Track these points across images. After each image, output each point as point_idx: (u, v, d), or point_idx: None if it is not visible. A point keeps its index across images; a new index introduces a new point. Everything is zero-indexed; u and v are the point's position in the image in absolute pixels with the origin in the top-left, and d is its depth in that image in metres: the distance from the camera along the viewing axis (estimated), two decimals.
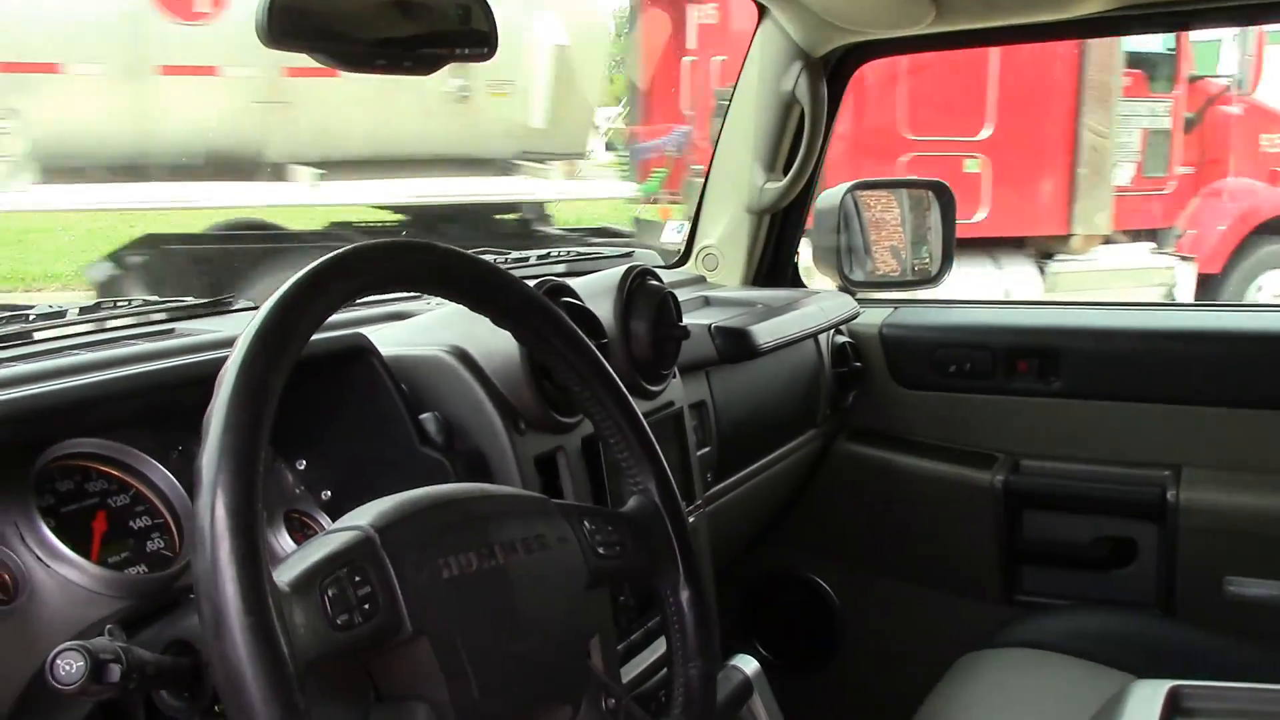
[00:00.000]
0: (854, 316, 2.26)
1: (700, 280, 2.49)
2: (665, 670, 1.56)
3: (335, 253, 0.91)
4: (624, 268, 1.56)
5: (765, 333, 1.84)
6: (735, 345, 1.80)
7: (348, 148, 6.35)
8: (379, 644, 0.83)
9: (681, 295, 2.28)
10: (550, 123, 6.95)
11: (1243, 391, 2.18)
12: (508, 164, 7.11)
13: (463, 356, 1.33)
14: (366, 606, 0.82)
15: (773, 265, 2.55)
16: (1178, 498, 2.17)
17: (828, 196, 2.52)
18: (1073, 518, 2.29)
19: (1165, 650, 2.00)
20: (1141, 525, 2.24)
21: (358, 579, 0.82)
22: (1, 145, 5.62)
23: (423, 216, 6.86)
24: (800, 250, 2.60)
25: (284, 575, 0.79)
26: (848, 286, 2.63)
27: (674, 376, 1.66)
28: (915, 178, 2.73)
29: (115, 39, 5.82)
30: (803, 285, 2.56)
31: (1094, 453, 2.29)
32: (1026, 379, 2.32)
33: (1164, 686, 1.33)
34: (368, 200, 6.86)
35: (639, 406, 1.52)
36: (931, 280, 2.65)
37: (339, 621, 0.80)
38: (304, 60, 1.19)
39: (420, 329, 1.41)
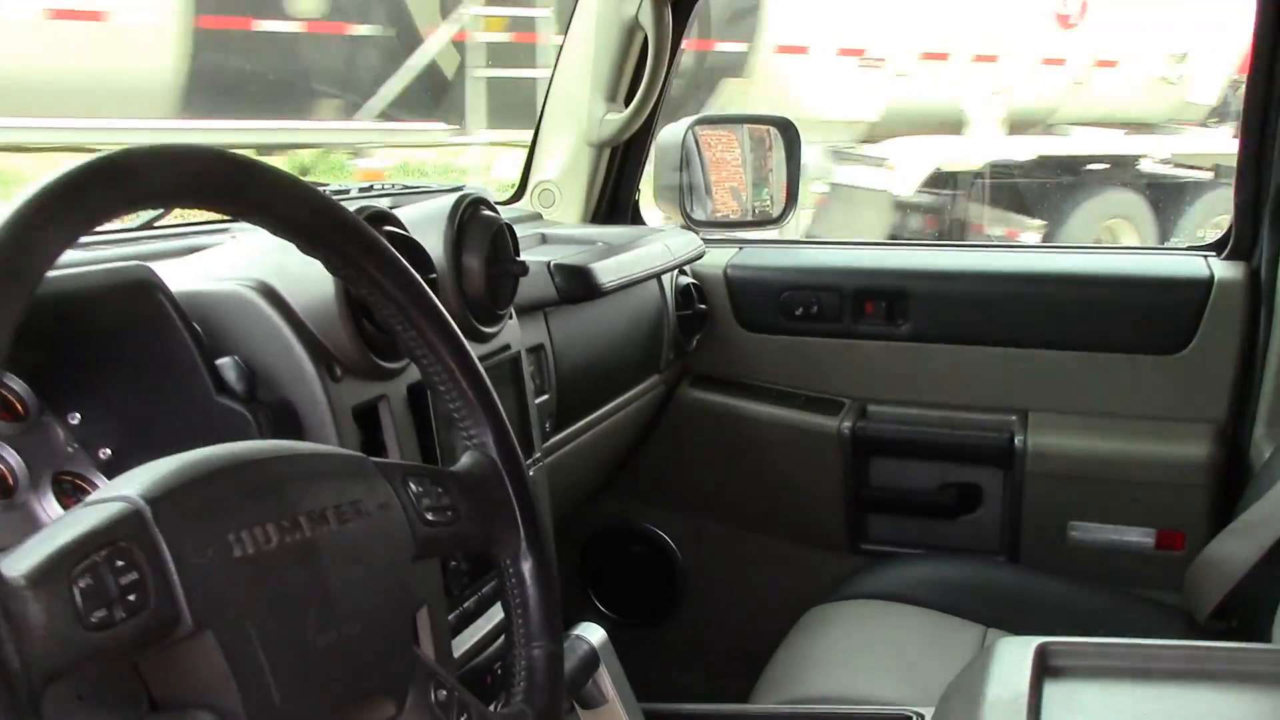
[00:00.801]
0: (699, 256, 2.14)
1: (536, 217, 2.34)
2: (503, 640, 1.43)
3: (94, 157, 0.73)
4: (455, 196, 1.40)
5: (607, 271, 1.71)
6: (576, 284, 1.66)
7: None
8: (149, 643, 0.67)
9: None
10: None
11: (1087, 335, 2.14)
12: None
13: (268, 292, 1.15)
14: (131, 598, 0.65)
15: (613, 202, 2.41)
16: (1024, 443, 2.13)
17: (669, 132, 2.40)
18: (919, 464, 2.23)
19: (1013, 598, 1.96)
20: (987, 471, 2.20)
21: (120, 564, 0.66)
22: None
23: None
24: (641, 188, 2.47)
25: (18, 565, 0.62)
26: (691, 226, 2.51)
27: (510, 318, 1.51)
28: (760, 114, 2.62)
29: None
30: (643, 224, 2.44)
31: (941, 397, 2.23)
32: (874, 322, 2.25)
33: (1030, 644, 1.25)
34: None
35: (475, 349, 1.39)
36: (774, 221, 2.56)
37: (94, 619, 0.63)
38: None
39: (219, 262, 1.23)
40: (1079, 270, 2.20)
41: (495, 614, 1.42)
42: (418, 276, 0.97)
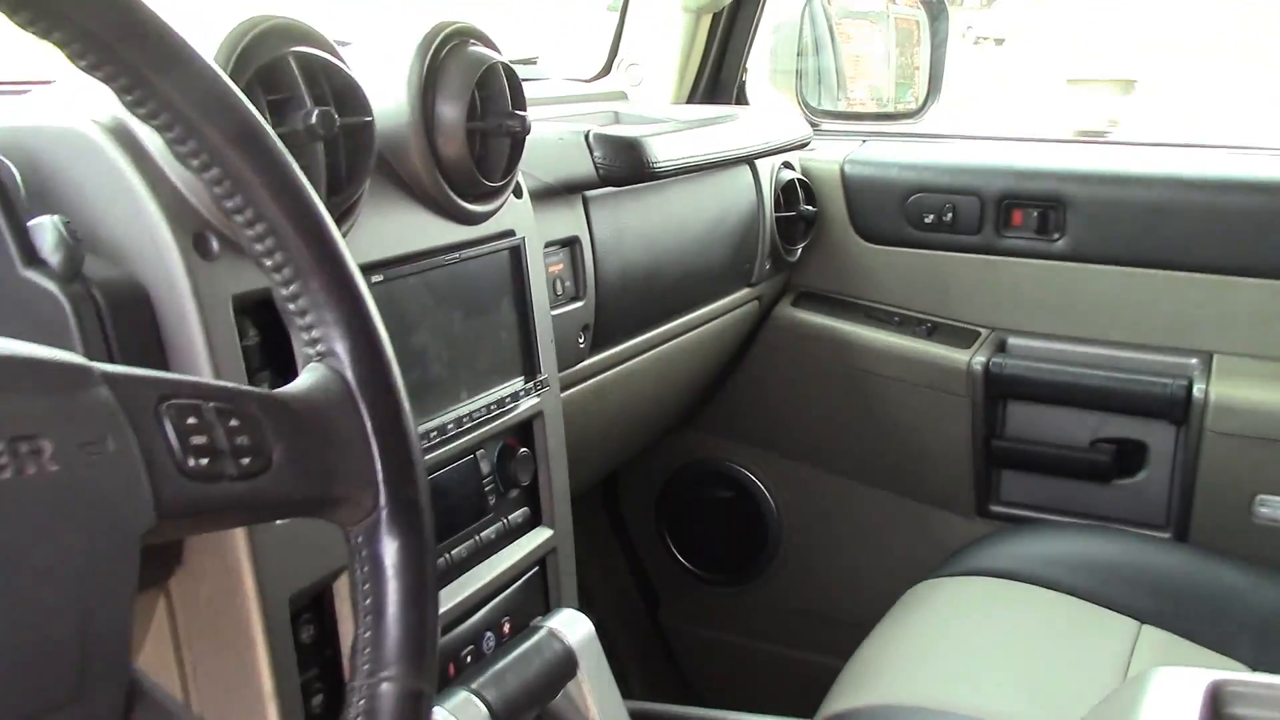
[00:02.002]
0: (804, 144, 1.74)
1: (620, 97, 1.97)
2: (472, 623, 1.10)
3: None
4: (431, 25, 1.04)
5: (664, 148, 1.33)
6: (619, 161, 1.29)
7: None
8: None
9: (587, 111, 1.78)
10: None
11: None
12: None
13: (117, 131, 0.82)
14: None
15: (713, 82, 2.02)
16: (1206, 393, 1.68)
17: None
18: (1069, 413, 1.81)
19: (1179, 588, 1.54)
20: (1156, 426, 1.76)
21: None
22: None
23: None
24: (749, 67, 2.07)
25: None
26: (809, 116, 2.11)
27: (515, 194, 1.15)
28: None
29: None
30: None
31: (1102, 332, 1.80)
32: (1022, 234, 1.82)
33: (1201, 680, 0.88)
34: None
35: (449, 233, 1.04)
36: (910, 115, 2.13)
37: None
38: None
39: (55, 95, 0.89)
40: None
41: (474, 580, 1.09)
42: (231, 88, 0.61)
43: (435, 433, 1.01)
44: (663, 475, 2.10)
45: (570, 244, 1.32)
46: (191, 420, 0.56)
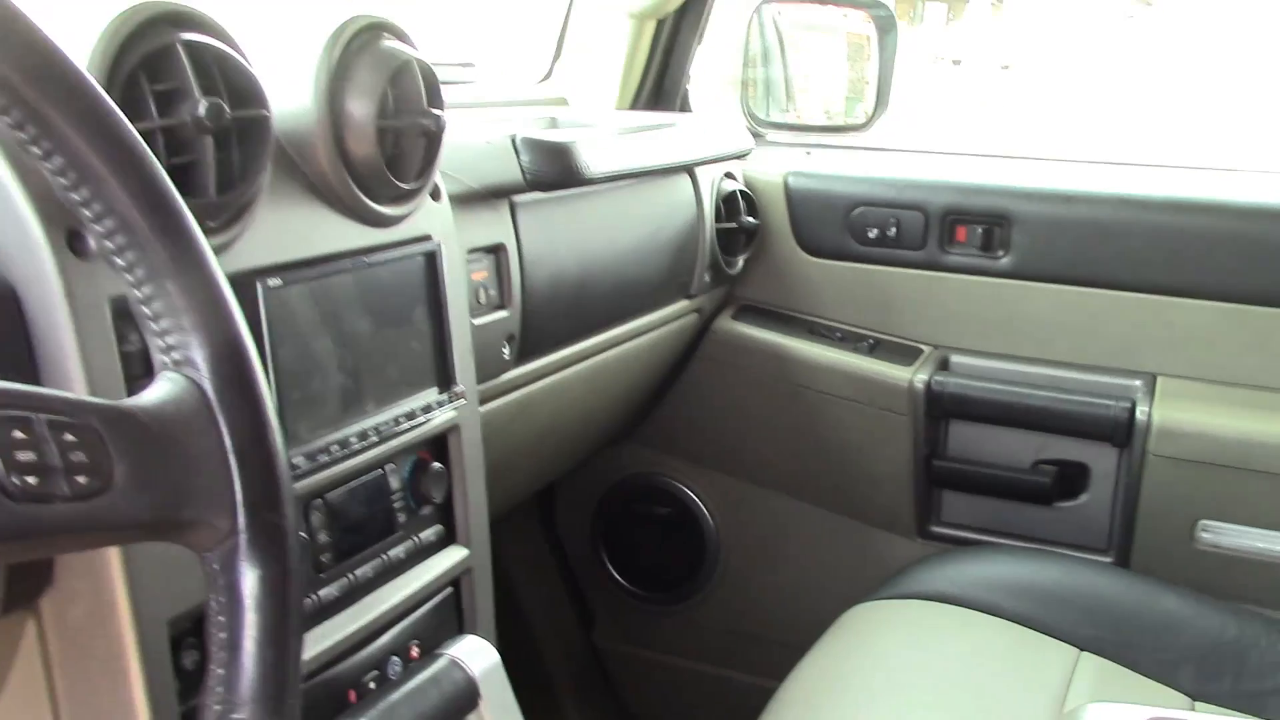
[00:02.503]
0: (745, 154, 1.70)
1: (561, 102, 1.92)
2: (388, 639, 1.05)
3: None
4: (342, 18, 0.98)
5: (595, 154, 1.28)
6: (547, 166, 1.24)
7: None
8: None
9: (527, 117, 1.73)
10: None
11: (1245, 282, 1.65)
12: None
13: None
14: None
15: (656, 89, 1.98)
16: (1149, 416, 1.65)
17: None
18: (1011, 433, 1.77)
19: (1120, 614, 1.50)
20: (1098, 448, 1.73)
21: None
22: None
23: None
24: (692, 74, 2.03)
25: None
26: (753, 126, 2.08)
27: (433, 197, 1.10)
28: None
29: None
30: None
31: (1045, 351, 1.77)
32: (966, 251, 1.79)
33: (1139, 716, 0.84)
34: None
35: (359, 236, 0.98)
36: (857, 127, 2.10)
37: None
38: None
39: None
40: (1241, 200, 1.69)
41: (379, 601, 1.03)
42: (83, 76, 0.56)
43: (337, 446, 0.95)
44: (599, 490, 2.05)
45: (495, 251, 1.27)
46: (18, 434, 0.50)
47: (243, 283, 0.87)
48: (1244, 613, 1.48)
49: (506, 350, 1.30)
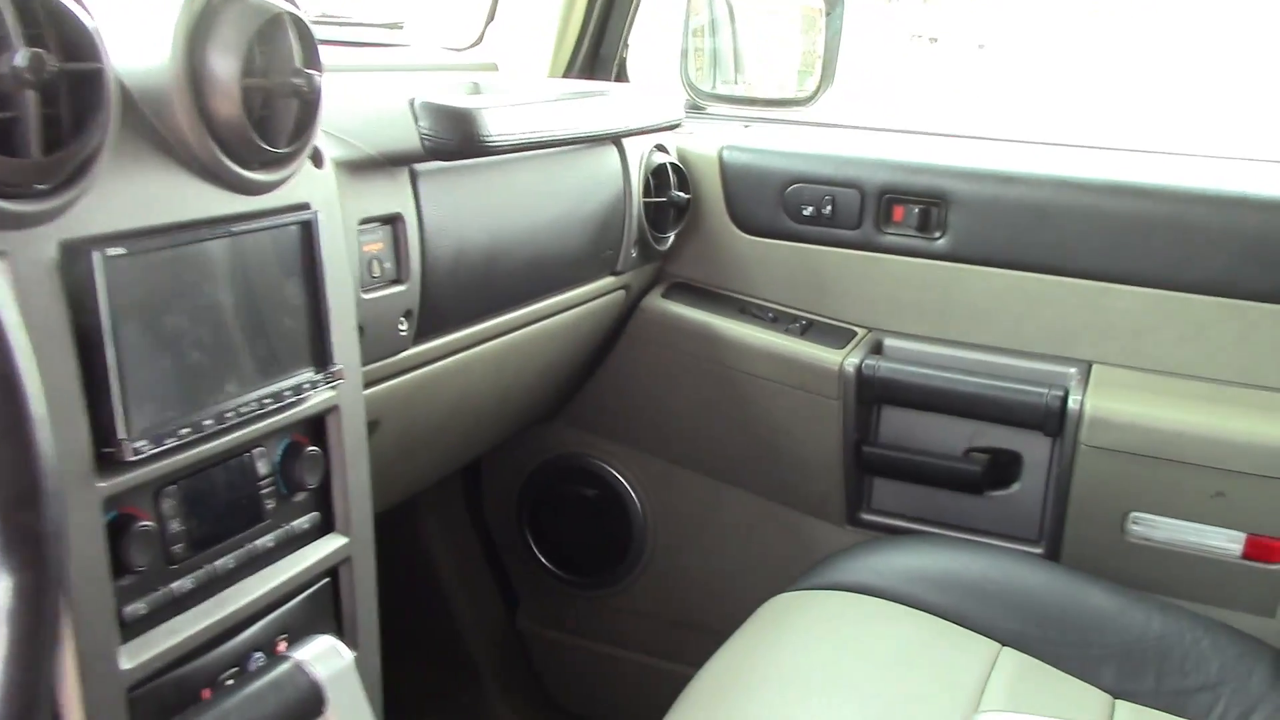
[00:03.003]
0: (673, 125, 1.63)
1: (492, 69, 1.85)
2: (253, 633, 0.98)
3: None
4: None
5: (501, 122, 1.21)
6: (447, 132, 1.17)
7: None
8: None
9: (452, 83, 1.66)
10: None
11: (1186, 270, 1.61)
12: None
13: None
14: None
15: (592, 57, 1.91)
16: (1081, 405, 1.61)
17: None
18: (942, 420, 1.72)
19: (1046, 607, 1.46)
20: (1030, 437, 1.68)
21: None
22: None
23: None
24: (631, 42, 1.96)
25: None
26: (693, 98, 2.01)
27: (315, 162, 1.04)
28: None
29: None
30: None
31: (979, 336, 1.72)
32: (903, 231, 1.73)
33: None
34: None
35: (223, 204, 0.92)
36: (801, 102, 2.04)
37: None
38: None
39: None
40: (1182, 185, 1.64)
41: (241, 594, 0.97)
42: None
43: (189, 429, 0.89)
44: (525, 471, 1.99)
45: (392, 222, 1.21)
46: None
47: (76, 251, 0.80)
48: (1171, 609, 1.44)
49: (404, 326, 1.24)
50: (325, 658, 0.93)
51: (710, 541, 1.91)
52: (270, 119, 0.95)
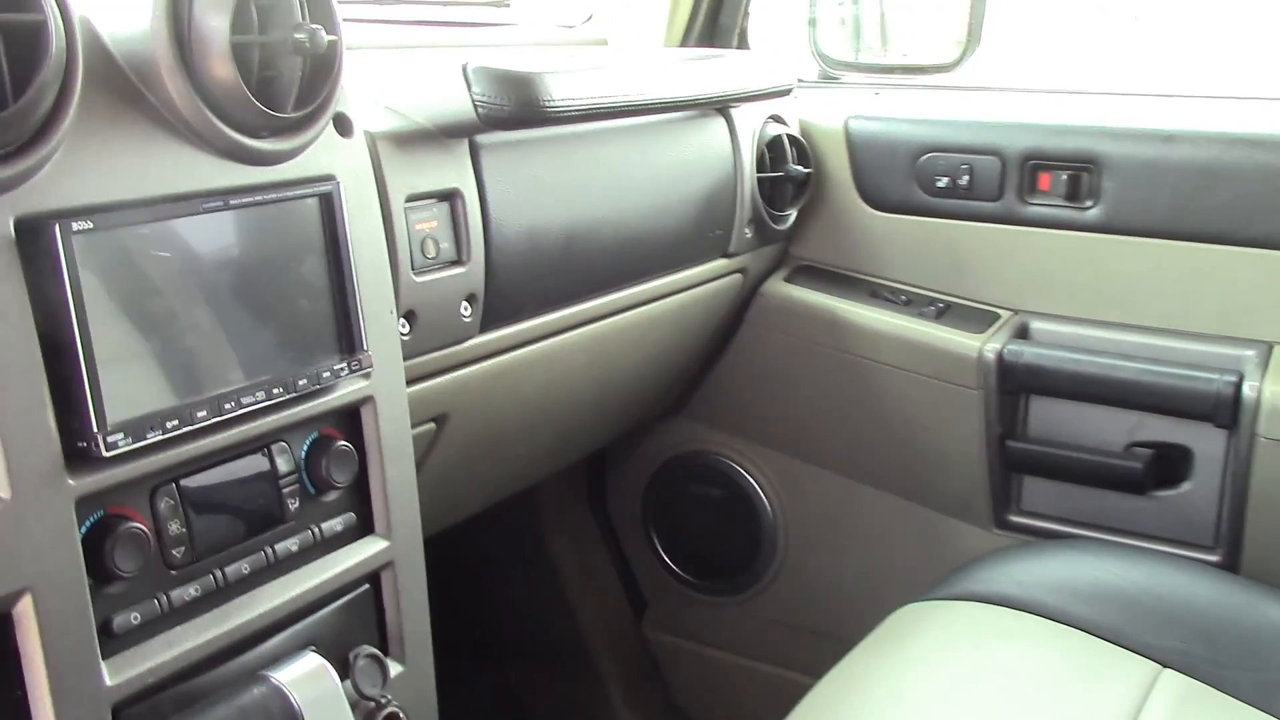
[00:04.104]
0: (784, 91, 1.49)
1: (601, 43, 1.76)
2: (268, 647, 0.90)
3: None
4: None
5: (566, 87, 1.11)
6: (503, 99, 1.07)
7: None
8: None
9: (545, 55, 1.57)
10: None
11: None
12: None
13: None
14: None
15: (710, 25, 1.80)
16: (1259, 392, 1.40)
17: None
18: (1100, 411, 1.53)
19: (1219, 624, 1.27)
20: (1201, 430, 1.48)
21: None
22: None
23: None
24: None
25: None
26: (825, 67, 1.87)
27: (342, 130, 0.95)
28: None
29: None
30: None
31: (1140, 317, 1.52)
32: (1049, 201, 1.56)
33: None
34: None
35: (223, 175, 0.84)
36: (947, 67, 1.87)
37: None
38: None
39: None
40: None
41: (257, 603, 0.89)
42: None
43: (178, 421, 0.80)
44: (649, 468, 1.88)
45: (448, 198, 1.11)
46: None
47: (35, 226, 0.73)
48: None
49: (468, 312, 1.14)
50: (307, 679, 0.84)
51: (845, 544, 1.77)
52: (274, 81, 0.86)
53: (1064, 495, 1.59)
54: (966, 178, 1.59)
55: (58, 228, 0.73)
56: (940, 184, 1.60)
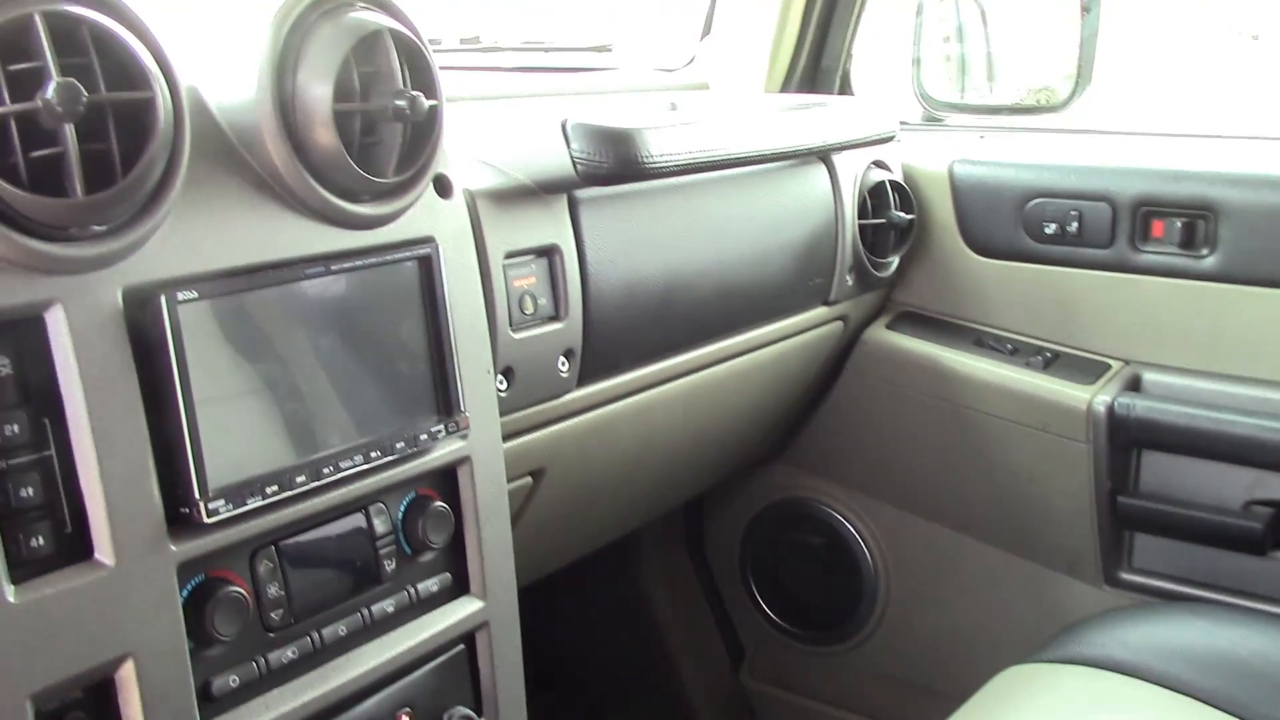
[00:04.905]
0: (886, 138, 1.47)
1: (703, 87, 1.75)
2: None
3: None
4: None
5: (664, 142, 1.10)
6: (602, 155, 1.07)
7: None
8: None
9: (647, 101, 1.57)
10: None
11: None
12: None
13: None
14: None
15: (812, 69, 1.78)
16: None
17: None
18: (1216, 467, 1.48)
19: None
20: None
21: None
22: None
23: None
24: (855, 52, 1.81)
25: None
26: (929, 109, 1.84)
27: (442, 192, 0.95)
28: None
29: None
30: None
31: (1258, 368, 1.47)
32: (1163, 249, 1.51)
33: None
34: None
35: (325, 240, 0.84)
36: (1057, 108, 1.83)
37: None
38: None
39: None
40: None
41: (353, 664, 0.89)
42: None
43: (278, 487, 0.81)
44: (748, 514, 1.86)
45: (547, 254, 1.11)
46: None
47: (141, 297, 0.74)
48: None
49: (565, 367, 1.14)
50: None
51: (948, 597, 1.72)
52: (375, 147, 0.87)
53: (1179, 554, 1.53)
54: (1076, 224, 1.55)
55: (164, 299, 0.74)
56: (1048, 230, 1.57)
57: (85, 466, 0.72)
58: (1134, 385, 1.53)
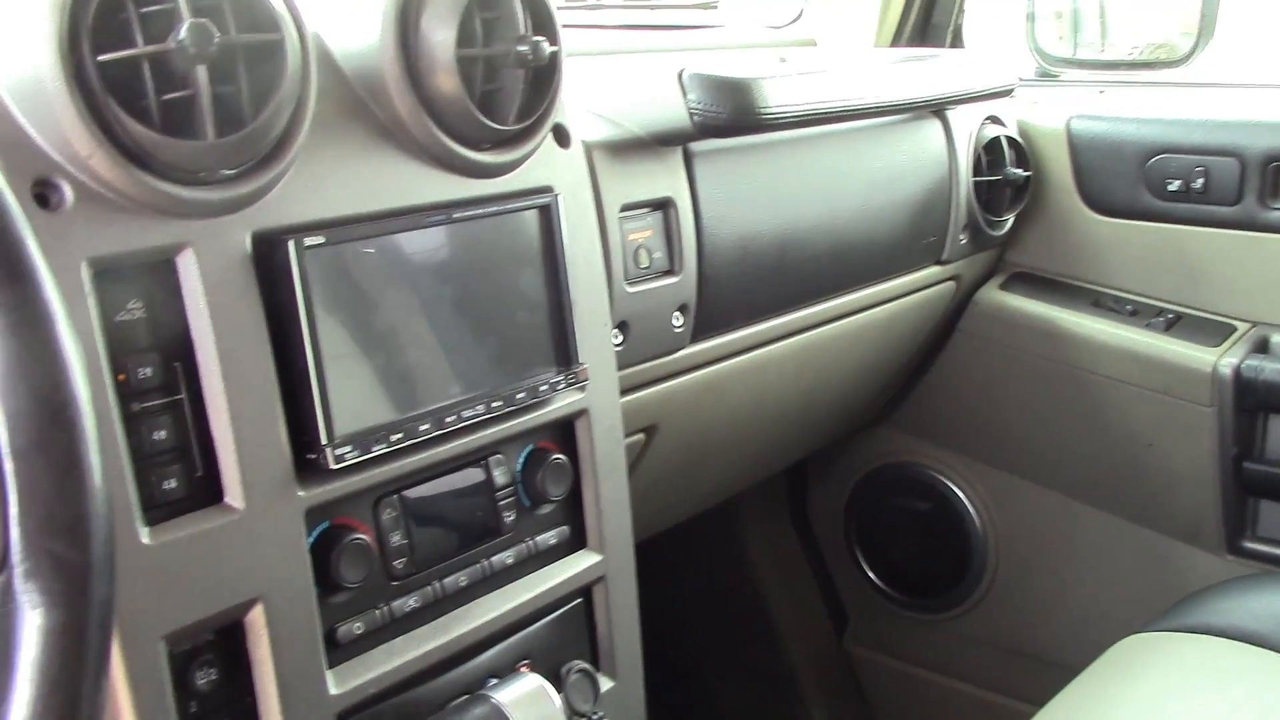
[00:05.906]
0: (1003, 92, 1.43)
1: (810, 43, 1.72)
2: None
3: None
4: None
5: (780, 92, 1.08)
6: (718, 106, 1.05)
7: None
8: None
9: (755, 57, 1.54)
10: None
11: None
12: None
13: None
14: None
15: (923, 23, 1.74)
16: None
17: None
18: None
19: None
20: None
21: None
22: None
23: None
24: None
25: None
26: (1044, 64, 1.79)
27: (561, 141, 0.94)
28: None
29: None
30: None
31: None
32: None
33: None
34: None
35: (446, 188, 0.84)
36: (1177, 63, 1.76)
37: None
38: None
39: None
40: None
41: (473, 615, 0.89)
42: None
43: (402, 435, 0.81)
44: (852, 478, 1.83)
45: (662, 207, 1.10)
46: None
47: (270, 241, 0.74)
48: None
49: (679, 322, 1.12)
50: (528, 701, 0.83)
51: (1059, 565, 1.68)
52: (497, 94, 0.86)
53: None
54: (1201, 180, 1.49)
55: (291, 244, 0.74)
56: (1172, 187, 1.51)
57: (216, 410, 0.72)
58: (1261, 347, 1.48)
